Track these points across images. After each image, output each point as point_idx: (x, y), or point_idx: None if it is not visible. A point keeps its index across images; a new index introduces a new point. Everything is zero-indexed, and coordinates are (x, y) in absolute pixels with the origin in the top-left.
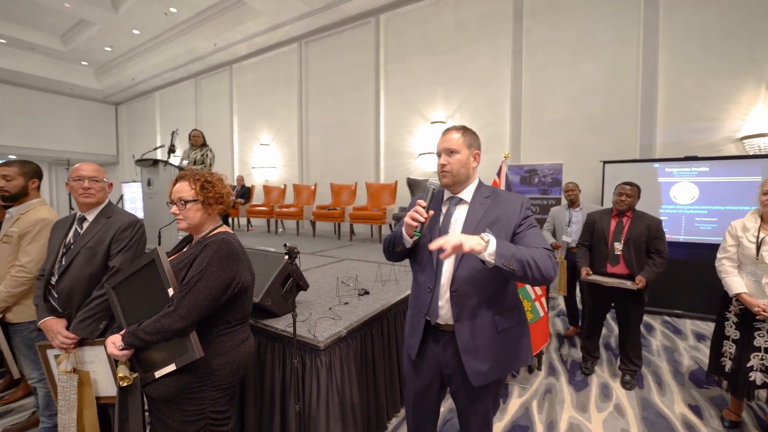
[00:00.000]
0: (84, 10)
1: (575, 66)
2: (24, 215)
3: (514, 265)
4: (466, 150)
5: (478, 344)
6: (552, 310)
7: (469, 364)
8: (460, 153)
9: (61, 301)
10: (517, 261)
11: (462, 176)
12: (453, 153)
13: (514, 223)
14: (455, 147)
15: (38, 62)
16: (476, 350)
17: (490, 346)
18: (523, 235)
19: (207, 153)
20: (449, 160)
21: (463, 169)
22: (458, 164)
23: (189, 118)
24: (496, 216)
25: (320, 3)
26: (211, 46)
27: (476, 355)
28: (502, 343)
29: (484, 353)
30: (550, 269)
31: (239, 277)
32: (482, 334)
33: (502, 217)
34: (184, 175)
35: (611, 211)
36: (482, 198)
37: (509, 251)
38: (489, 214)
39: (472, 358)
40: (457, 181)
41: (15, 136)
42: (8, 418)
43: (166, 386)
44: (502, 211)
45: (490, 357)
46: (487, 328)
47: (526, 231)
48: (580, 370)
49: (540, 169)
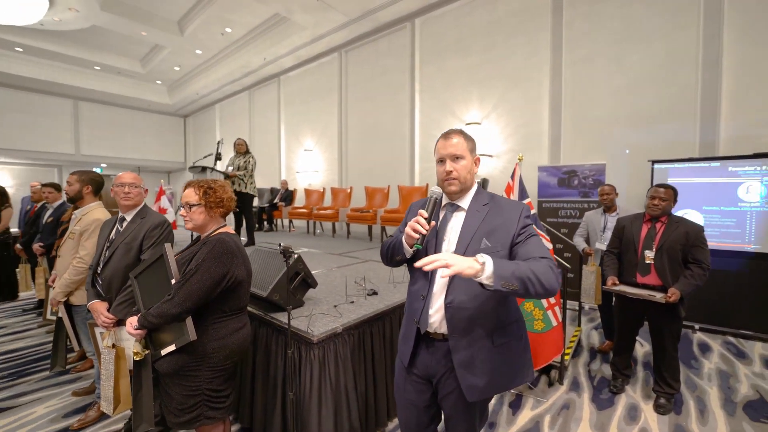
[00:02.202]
0: (157, 36)
1: (621, 58)
2: (84, 216)
3: (515, 284)
4: (470, 155)
5: (475, 358)
6: (590, 322)
7: (465, 379)
8: (465, 159)
9: (104, 287)
10: (517, 279)
11: (468, 183)
12: (459, 159)
13: (513, 233)
14: (461, 153)
15: (123, 84)
16: (472, 365)
17: (487, 360)
18: (522, 246)
19: (249, 159)
20: (456, 167)
21: (469, 175)
22: (465, 170)
23: (243, 127)
24: (493, 225)
25: (357, 12)
26: (262, 60)
27: (472, 370)
28: (501, 358)
29: (481, 368)
30: (552, 281)
31: (232, 272)
32: (479, 347)
33: (500, 227)
34: (191, 182)
35: (643, 216)
36: (480, 206)
37: (508, 270)
38: (486, 224)
39: (467, 373)
40: (464, 187)
41: (105, 148)
42: (78, 383)
43: (169, 363)
44: (501, 220)
45: (487, 372)
46: (484, 342)
47: (526, 241)
48: (608, 388)
49: (580, 170)
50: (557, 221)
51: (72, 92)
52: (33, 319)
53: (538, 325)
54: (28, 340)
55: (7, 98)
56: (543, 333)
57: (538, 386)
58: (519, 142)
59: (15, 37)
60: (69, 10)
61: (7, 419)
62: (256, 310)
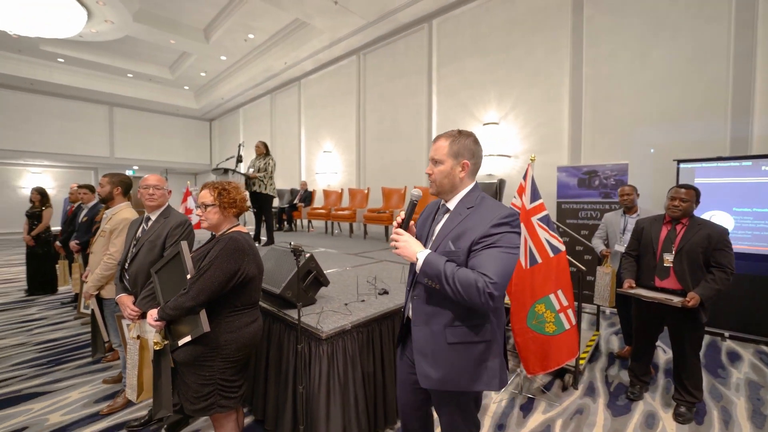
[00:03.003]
0: (184, 43)
1: (646, 54)
2: (114, 215)
3: (437, 284)
4: (450, 160)
5: (429, 350)
6: (611, 327)
7: (419, 365)
8: (443, 164)
9: (130, 282)
10: (439, 281)
11: (446, 186)
12: (437, 163)
13: (474, 239)
14: (439, 157)
15: (153, 90)
16: (427, 354)
17: (441, 355)
18: (475, 255)
19: (269, 161)
20: (433, 170)
21: (446, 180)
22: (440, 175)
23: (265, 130)
24: (464, 229)
25: (375, 15)
26: (283, 64)
27: (426, 359)
28: (457, 357)
29: (435, 360)
30: (473, 297)
31: (244, 269)
32: (434, 341)
33: (468, 231)
34: (207, 184)
35: (663, 217)
36: (464, 209)
37: (434, 271)
38: (460, 227)
39: (422, 360)
40: (441, 190)
41: (137, 151)
42: (108, 372)
43: (186, 353)
44: (471, 224)
45: (442, 366)
46: (438, 336)
47: (480, 251)
48: (625, 395)
49: (601, 170)
50: (577, 222)
51: (107, 99)
52: (70, 311)
53: (550, 328)
54: (65, 331)
55: (50, 105)
56: (555, 336)
57: (551, 390)
58: (538, 142)
59: (57, 48)
60: (105, 22)
61: (47, 402)
62: (270, 306)
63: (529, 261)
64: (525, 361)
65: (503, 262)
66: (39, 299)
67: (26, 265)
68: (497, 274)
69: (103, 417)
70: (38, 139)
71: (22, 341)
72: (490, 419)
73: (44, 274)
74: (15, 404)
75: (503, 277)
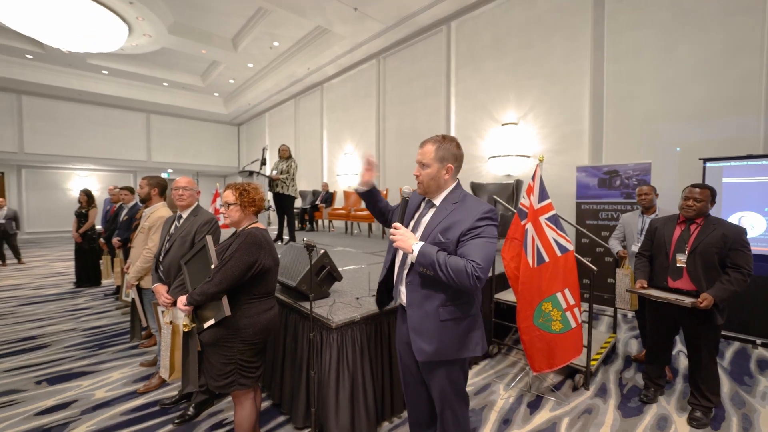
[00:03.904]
0: (215, 53)
1: (671, 49)
2: (152, 214)
3: (431, 271)
4: (436, 164)
5: (424, 328)
6: (631, 331)
7: (415, 342)
8: (430, 167)
9: (164, 273)
10: (433, 269)
11: (432, 187)
12: (424, 166)
13: (461, 231)
14: (426, 161)
15: (186, 97)
16: (422, 332)
17: (434, 330)
18: (463, 244)
19: (291, 164)
20: (421, 172)
21: (433, 182)
22: (427, 177)
23: (290, 133)
24: (451, 222)
25: (393, 19)
26: (306, 69)
27: (422, 336)
28: (447, 331)
29: (429, 335)
30: (463, 280)
31: (260, 261)
32: (428, 319)
33: (455, 224)
34: (229, 185)
35: (677, 217)
36: (449, 204)
37: (428, 260)
38: (446, 220)
39: (417, 337)
40: (428, 191)
41: (172, 155)
42: (144, 356)
43: (210, 335)
44: (458, 218)
45: (435, 340)
46: (432, 316)
47: (468, 241)
48: (638, 397)
49: (623, 169)
50: (597, 224)
51: (145, 107)
52: (112, 302)
53: (556, 326)
54: (108, 319)
55: (95, 114)
56: (561, 334)
57: (561, 390)
58: (557, 141)
59: (102, 62)
60: (144, 35)
61: (92, 380)
62: (287, 298)
63: (537, 260)
64: (531, 359)
65: (486, 249)
66: (86, 290)
67: (75, 259)
68: (483, 260)
69: (140, 395)
70: (84, 145)
71: (72, 327)
72: (496, 414)
73: (90, 268)
74: (67, 380)
75: (487, 263)
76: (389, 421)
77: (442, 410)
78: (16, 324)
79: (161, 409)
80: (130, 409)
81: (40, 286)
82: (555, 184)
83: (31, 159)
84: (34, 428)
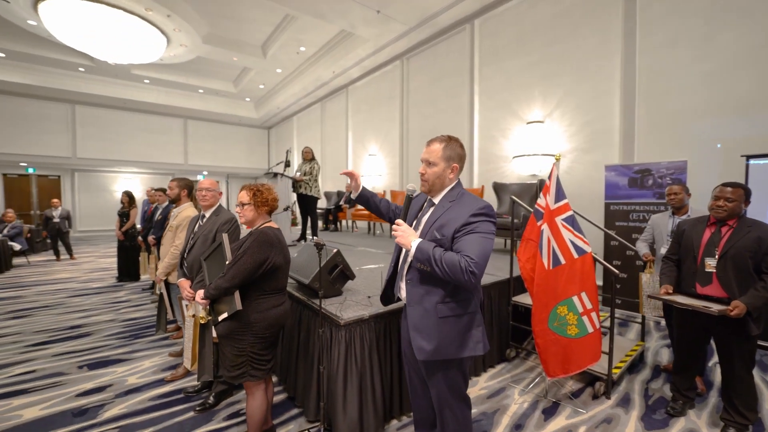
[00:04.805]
0: (245, 60)
1: (710, 39)
2: (179, 213)
3: (427, 267)
4: (443, 163)
5: (423, 325)
6: (663, 339)
7: (415, 339)
8: (437, 166)
9: (188, 269)
10: (429, 264)
11: (437, 186)
12: (431, 165)
13: (456, 227)
14: (433, 160)
15: (220, 102)
16: (421, 329)
17: (434, 327)
18: (458, 240)
19: (314, 165)
20: (427, 171)
21: (438, 180)
22: (433, 176)
23: (316, 135)
24: (446, 219)
25: (416, 20)
26: (331, 73)
27: (421, 333)
28: (446, 329)
29: (429, 333)
30: (457, 275)
31: (271, 259)
32: (427, 316)
33: (451, 221)
34: (244, 186)
35: (707, 218)
36: (447, 202)
37: (424, 256)
38: (443, 218)
39: (417, 335)
40: (432, 189)
41: (206, 158)
42: (173, 347)
43: (224, 327)
44: (454, 215)
45: (434, 338)
46: (431, 313)
47: (463, 237)
48: (665, 409)
49: (655, 168)
50: (627, 225)
51: (182, 113)
52: (148, 296)
53: (572, 330)
54: (143, 312)
55: (137, 120)
56: (577, 338)
57: (579, 397)
58: (585, 140)
59: (144, 72)
60: (180, 46)
61: (126, 366)
62: (302, 295)
63: (552, 262)
64: (545, 364)
65: (481, 245)
66: (126, 285)
67: (117, 256)
68: (477, 255)
69: (167, 383)
70: (129, 150)
71: (112, 318)
72: (508, 418)
73: (130, 264)
74: (104, 366)
75: (482, 258)
76: (398, 420)
77: (441, 411)
78: (65, 314)
79: (185, 396)
80: (158, 395)
81: (87, 279)
82: (582, 184)
83: (82, 163)
84: (75, 408)
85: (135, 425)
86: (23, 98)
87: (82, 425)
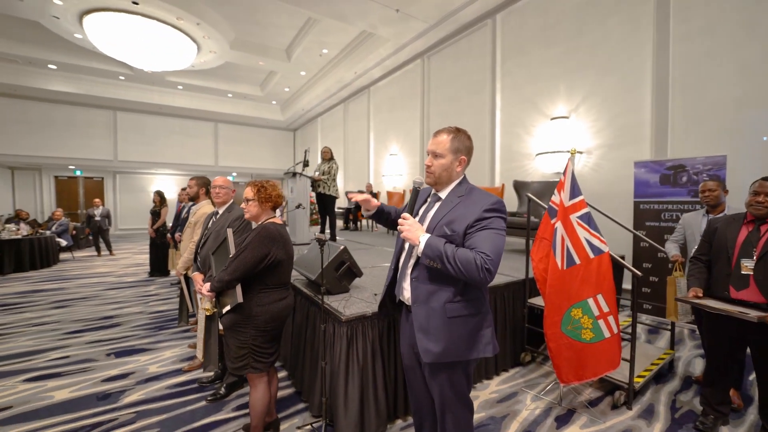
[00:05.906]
0: (271, 64)
1: (753, 23)
2: (198, 210)
3: (437, 264)
4: (450, 155)
5: (430, 326)
6: (697, 349)
7: (421, 342)
8: (444, 158)
9: (201, 263)
10: (440, 261)
11: (443, 179)
12: (438, 156)
13: (468, 223)
14: (441, 151)
15: (248, 106)
16: (428, 330)
17: (442, 328)
18: (471, 236)
19: (332, 165)
20: (433, 162)
21: (445, 173)
22: (440, 168)
23: (339, 136)
24: (456, 215)
25: (436, 17)
26: (353, 74)
27: (428, 335)
28: (456, 330)
29: (436, 334)
30: (472, 272)
31: (273, 254)
32: (435, 317)
33: (461, 217)
34: (249, 182)
35: (744, 216)
36: (455, 197)
37: (435, 252)
38: (451, 213)
39: (424, 337)
40: (438, 182)
41: (235, 160)
42: (193, 339)
43: (228, 320)
44: (464, 211)
45: (442, 339)
46: (438, 313)
47: (476, 233)
48: (693, 424)
49: (690, 164)
50: (659, 225)
51: (212, 116)
52: (175, 290)
53: (587, 335)
54: (169, 305)
55: (171, 124)
56: (592, 343)
57: (597, 406)
58: (613, 135)
59: (177, 78)
60: (210, 52)
61: (150, 355)
62: (309, 291)
63: (566, 262)
64: (558, 369)
65: (496, 241)
66: (156, 280)
67: (149, 252)
68: (492, 252)
69: (184, 373)
70: (164, 152)
71: (141, 310)
72: (517, 424)
73: (161, 260)
74: (130, 355)
75: (497, 255)
76: (403, 419)
77: (443, 414)
78: (101, 305)
79: (199, 386)
80: (174, 384)
81: (122, 274)
82: (610, 181)
83: (123, 166)
84: (100, 392)
85: (151, 411)
86: (72, 106)
87: (104, 408)
